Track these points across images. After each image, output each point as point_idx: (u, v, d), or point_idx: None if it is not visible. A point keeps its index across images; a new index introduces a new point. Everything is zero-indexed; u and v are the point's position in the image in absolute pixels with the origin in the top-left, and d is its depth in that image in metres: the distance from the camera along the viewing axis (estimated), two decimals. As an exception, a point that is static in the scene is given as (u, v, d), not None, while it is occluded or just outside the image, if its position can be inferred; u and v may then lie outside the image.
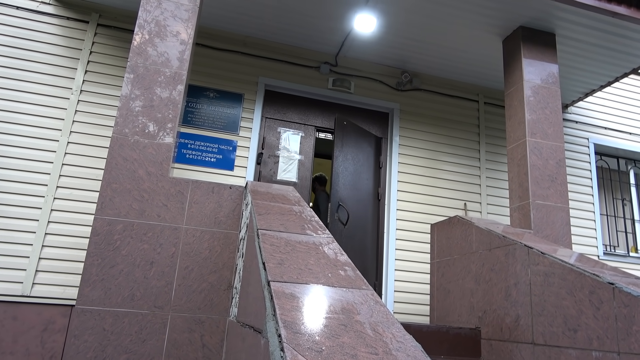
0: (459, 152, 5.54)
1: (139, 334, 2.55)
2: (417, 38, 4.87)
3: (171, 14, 3.24)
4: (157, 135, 2.94)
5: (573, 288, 2.44)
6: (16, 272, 3.93)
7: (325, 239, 1.93)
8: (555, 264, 2.58)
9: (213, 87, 4.91)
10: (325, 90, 5.28)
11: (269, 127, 5.10)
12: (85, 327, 2.50)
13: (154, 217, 2.77)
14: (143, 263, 2.67)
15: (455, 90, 5.74)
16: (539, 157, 4.13)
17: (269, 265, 1.48)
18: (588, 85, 5.50)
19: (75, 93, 4.43)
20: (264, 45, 5.18)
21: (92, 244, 2.63)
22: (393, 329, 1.17)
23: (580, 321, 2.36)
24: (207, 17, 4.80)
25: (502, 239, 3.09)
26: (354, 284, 1.46)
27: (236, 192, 2.95)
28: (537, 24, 4.40)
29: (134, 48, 3.09)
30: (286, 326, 1.06)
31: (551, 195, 4.06)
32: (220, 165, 4.73)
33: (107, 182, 2.76)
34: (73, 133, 4.35)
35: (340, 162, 4.91)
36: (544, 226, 3.95)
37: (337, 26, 4.79)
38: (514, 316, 2.87)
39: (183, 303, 2.67)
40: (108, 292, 2.58)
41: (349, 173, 4.97)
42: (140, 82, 3.03)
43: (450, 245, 3.76)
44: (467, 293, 3.43)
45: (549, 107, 4.30)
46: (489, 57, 5.08)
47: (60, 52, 4.52)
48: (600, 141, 6.13)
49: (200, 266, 2.76)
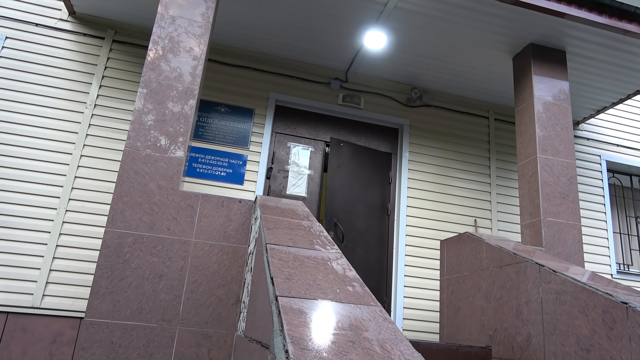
0: (469, 168, 5.52)
1: (146, 347, 2.55)
2: (427, 55, 4.90)
3: (184, 30, 3.30)
4: (169, 149, 2.97)
5: (586, 307, 2.40)
6: (27, 283, 3.96)
7: (334, 255, 1.93)
8: (567, 282, 2.55)
9: (224, 102, 4.96)
10: (335, 106, 5.31)
11: (279, 142, 5.14)
12: (93, 339, 2.50)
13: (164, 231, 2.78)
14: (152, 276, 2.68)
15: (465, 106, 5.74)
16: (550, 174, 4.10)
17: (277, 280, 1.48)
18: (599, 102, 5.47)
19: (90, 107, 4.51)
20: (275, 61, 5.24)
21: (102, 256, 2.65)
22: (401, 347, 1.16)
23: (593, 341, 2.32)
24: (220, 33, 4.88)
25: (513, 257, 3.06)
26: (362, 300, 1.45)
27: (245, 206, 2.96)
28: (548, 42, 4.41)
29: (148, 63, 3.15)
30: (294, 342, 1.06)
31: (563, 212, 4.02)
32: (230, 179, 4.75)
33: (119, 195, 2.79)
34: (86, 146, 4.41)
35: (337, 181, 5.01)
36: (555, 244, 3.90)
37: (348, 43, 4.84)
38: (526, 335, 2.82)
39: (191, 317, 2.67)
40: (117, 304, 2.59)
41: (346, 191, 5.04)
42: (153, 96, 3.07)
43: (460, 262, 3.73)
44: (477, 311, 3.39)
45: (560, 123, 4.28)
46: (499, 73, 5.08)
47: (76, 67, 4.61)
48: (613, 158, 6.07)
49: (209, 280, 2.76)
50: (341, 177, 5.09)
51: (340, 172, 5.09)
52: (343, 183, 5.07)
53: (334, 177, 5.02)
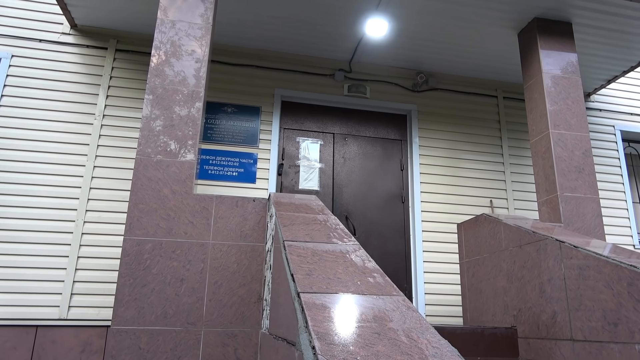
0: (481, 149, 5.47)
1: (174, 351, 2.58)
2: (430, 38, 4.85)
3: (185, 33, 3.30)
4: (179, 154, 2.99)
5: (610, 281, 2.37)
6: (52, 296, 4.03)
7: (352, 247, 1.93)
8: (589, 257, 2.51)
9: (230, 102, 4.97)
10: (341, 97, 5.29)
11: (288, 137, 5.14)
12: (121, 347, 2.54)
13: (181, 235, 2.80)
14: (173, 280, 2.70)
15: (472, 87, 5.68)
16: (564, 149, 4.04)
17: (297, 277, 1.49)
18: (610, 72, 5.37)
19: (99, 118, 4.55)
20: (278, 57, 5.23)
21: (123, 264, 2.68)
22: (427, 335, 1.15)
23: (620, 314, 2.29)
24: (221, 34, 4.88)
25: (532, 235, 3.03)
26: (384, 291, 1.45)
27: (260, 204, 2.97)
28: (553, 14, 4.32)
29: (152, 69, 3.16)
30: (319, 337, 1.06)
31: (579, 186, 3.96)
32: (242, 178, 4.77)
33: (134, 203, 2.82)
34: (99, 157, 4.46)
35: (343, 176, 5.08)
36: (574, 219, 3.85)
37: (349, 33, 4.81)
38: (550, 313, 2.80)
39: (215, 318, 2.69)
40: (141, 311, 2.62)
41: (355, 185, 5.09)
42: (159, 102, 3.09)
43: (478, 244, 3.70)
44: (499, 292, 3.37)
45: (571, 97, 4.21)
46: (505, 51, 5.01)
47: (82, 80, 4.65)
48: (627, 127, 5.97)
49: (229, 280, 2.78)
50: (348, 171, 5.11)
51: (347, 167, 5.12)
52: (351, 177, 5.09)
53: (340, 173, 5.08)
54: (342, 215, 4.93)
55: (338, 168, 5.11)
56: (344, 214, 4.93)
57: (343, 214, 4.93)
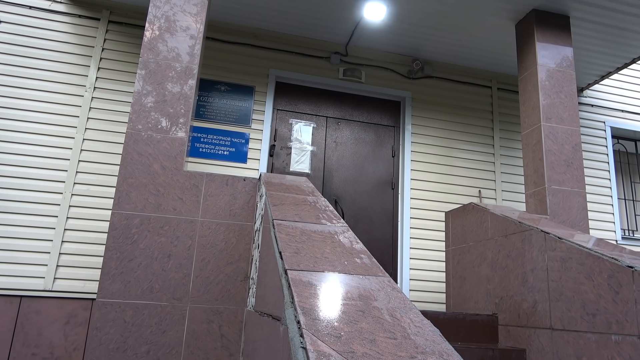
0: (473, 139, 5.50)
1: (158, 325, 2.60)
2: (427, 25, 4.82)
3: (180, 8, 3.25)
4: (170, 130, 2.97)
5: (591, 272, 2.42)
6: (38, 267, 4.01)
7: (340, 228, 1.94)
8: (572, 249, 2.56)
9: (224, 80, 4.92)
10: (336, 81, 5.26)
11: (281, 119, 5.11)
12: (106, 319, 2.55)
13: (170, 211, 2.80)
14: (161, 256, 2.71)
15: (467, 76, 5.68)
16: (554, 142, 4.07)
17: (285, 255, 1.50)
18: (604, 67, 5.40)
19: (89, 90, 4.48)
20: (274, 37, 5.17)
21: (110, 238, 2.68)
22: (411, 314, 1.18)
23: (599, 305, 2.34)
24: (217, 10, 4.80)
25: (518, 225, 3.07)
26: (370, 271, 1.47)
27: (250, 184, 2.97)
28: (551, 7, 4.32)
29: (145, 44, 3.11)
30: (305, 313, 1.07)
31: (567, 180, 4.01)
32: (233, 158, 4.75)
33: (123, 177, 2.80)
34: (88, 130, 4.40)
35: (334, 160, 5.11)
36: (560, 211, 3.91)
37: (347, 15, 4.76)
38: (532, 302, 2.85)
39: (201, 294, 2.71)
40: (127, 284, 2.63)
41: (346, 169, 5.12)
42: (152, 77, 3.05)
43: (465, 232, 3.75)
44: (483, 280, 3.42)
45: (564, 91, 4.24)
46: (502, 42, 5.00)
47: (73, 50, 4.56)
48: (617, 124, 6.02)
49: (217, 258, 2.79)
50: (339, 155, 5.12)
51: (339, 151, 5.13)
52: (342, 161, 5.10)
53: (332, 157, 5.10)
54: (331, 199, 4.95)
55: (330, 152, 5.12)
56: (334, 198, 4.96)
57: (332, 198, 4.95)
